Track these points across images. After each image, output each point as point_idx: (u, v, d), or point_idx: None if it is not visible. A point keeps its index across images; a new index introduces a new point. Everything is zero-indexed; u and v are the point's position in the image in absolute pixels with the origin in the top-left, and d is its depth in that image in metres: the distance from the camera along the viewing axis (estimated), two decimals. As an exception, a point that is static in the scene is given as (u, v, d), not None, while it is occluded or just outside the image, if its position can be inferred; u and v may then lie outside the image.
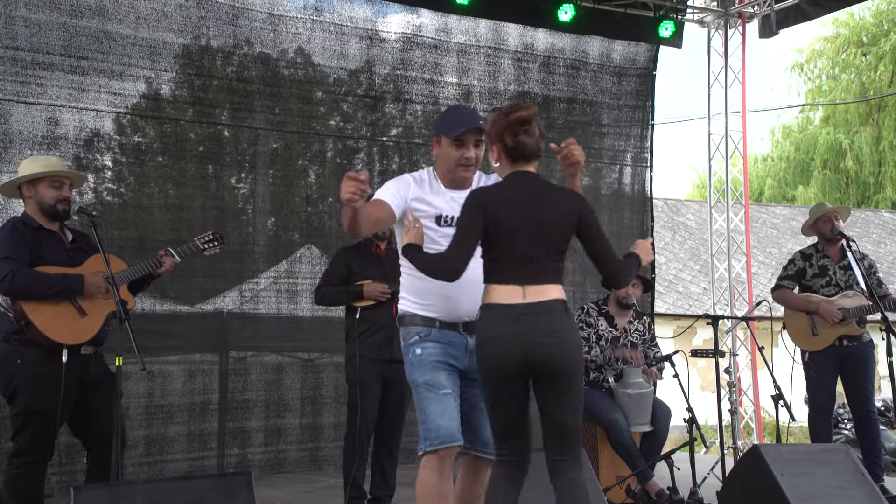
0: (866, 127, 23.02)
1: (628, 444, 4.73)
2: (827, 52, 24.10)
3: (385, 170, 6.82)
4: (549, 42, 7.31)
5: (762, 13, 7.67)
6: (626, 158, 7.66)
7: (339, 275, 4.61)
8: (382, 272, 4.55)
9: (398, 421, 4.65)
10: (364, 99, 6.68)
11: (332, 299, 4.70)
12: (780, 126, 25.53)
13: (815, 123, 24.67)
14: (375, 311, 4.48)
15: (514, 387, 2.78)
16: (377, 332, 4.47)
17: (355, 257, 4.64)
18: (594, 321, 5.08)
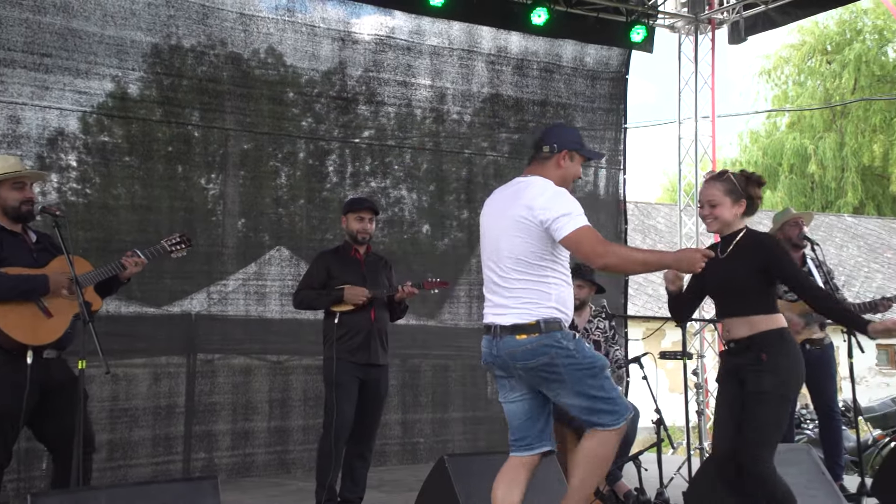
0: (830, 133, 23.45)
1: (598, 447, 4.73)
2: (793, 59, 24.52)
3: (357, 171, 6.79)
4: (523, 45, 7.33)
5: (731, 20, 7.76)
6: (601, 161, 7.71)
7: (319, 279, 4.59)
8: (361, 276, 4.55)
9: (373, 425, 4.63)
10: (336, 100, 6.63)
11: (312, 303, 4.65)
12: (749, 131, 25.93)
13: (782, 129, 25.08)
14: (354, 316, 4.47)
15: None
16: (356, 335, 4.47)
17: (334, 261, 4.62)
18: None
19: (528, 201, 3.13)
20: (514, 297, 3.16)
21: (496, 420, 6.91)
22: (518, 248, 3.14)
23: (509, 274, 3.17)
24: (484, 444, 6.80)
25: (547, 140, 3.28)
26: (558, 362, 3.09)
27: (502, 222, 3.22)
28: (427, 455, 6.48)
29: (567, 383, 3.12)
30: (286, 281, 6.17)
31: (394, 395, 6.45)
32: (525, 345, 3.12)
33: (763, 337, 3.35)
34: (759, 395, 3.31)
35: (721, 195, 3.48)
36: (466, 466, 3.84)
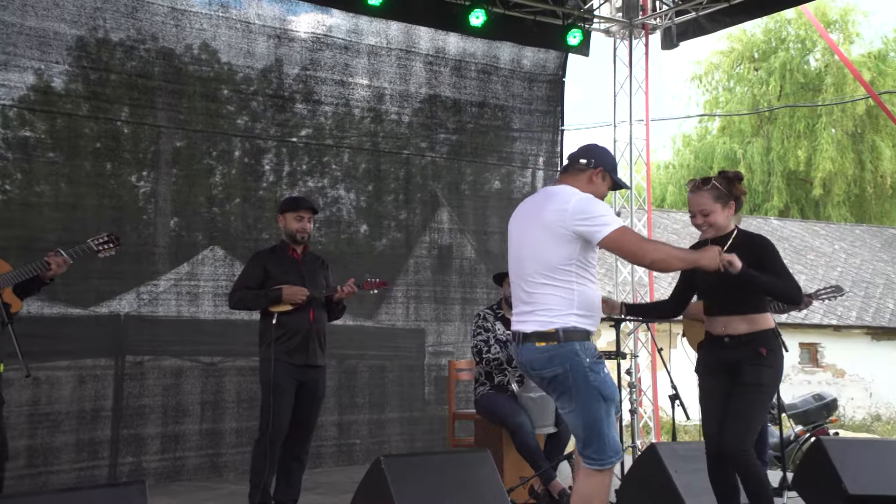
0: (758, 138, 24.22)
1: (533, 446, 4.79)
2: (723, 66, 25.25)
3: (294, 171, 6.70)
4: (461, 46, 7.35)
5: (664, 25, 7.93)
6: (538, 163, 7.78)
7: (256, 279, 4.52)
8: (300, 276, 4.49)
9: (310, 426, 4.59)
10: (273, 98, 6.53)
11: (250, 304, 4.57)
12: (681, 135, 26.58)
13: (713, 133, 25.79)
14: (293, 316, 4.41)
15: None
16: (294, 336, 4.42)
17: (272, 261, 4.55)
18: (491, 326, 5.13)
19: (560, 205, 3.19)
20: (535, 304, 3.20)
21: (434, 420, 6.92)
22: (545, 252, 3.19)
23: (534, 278, 3.21)
24: (421, 444, 6.79)
25: (585, 154, 3.38)
26: (570, 377, 3.12)
27: (530, 228, 3.29)
28: (363, 456, 6.44)
29: (575, 399, 3.15)
30: (220, 281, 6.05)
31: (330, 396, 6.37)
32: (543, 353, 3.15)
33: (762, 334, 3.55)
34: (758, 387, 3.49)
35: (711, 202, 3.60)
36: (403, 467, 3.83)
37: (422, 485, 3.79)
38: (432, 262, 7.18)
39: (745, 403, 3.49)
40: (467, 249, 7.37)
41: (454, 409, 5.66)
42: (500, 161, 7.61)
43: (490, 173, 7.59)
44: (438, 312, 7.13)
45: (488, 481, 3.96)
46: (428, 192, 7.26)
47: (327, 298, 4.59)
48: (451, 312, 7.18)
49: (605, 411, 3.14)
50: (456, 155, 7.37)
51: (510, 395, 4.99)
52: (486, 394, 5.09)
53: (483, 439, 5.17)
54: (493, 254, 7.41)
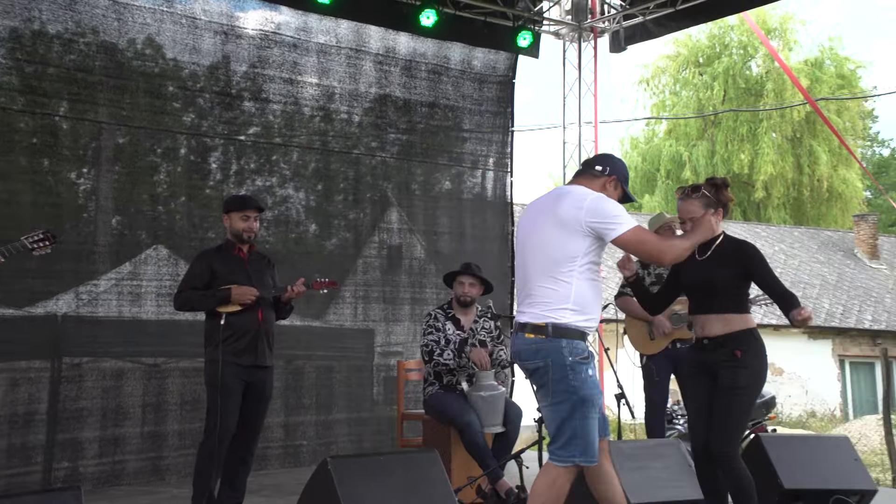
0: (703, 141, 24.77)
1: (481, 446, 4.80)
2: (669, 70, 25.76)
3: (242, 169, 6.60)
4: (411, 46, 7.33)
5: (612, 29, 8.04)
6: (488, 163, 7.81)
7: (202, 279, 4.43)
8: (246, 276, 4.42)
9: (257, 428, 4.53)
10: (220, 96, 6.41)
11: (196, 304, 4.48)
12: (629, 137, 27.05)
13: (660, 136, 26.29)
14: (241, 317, 4.35)
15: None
16: (242, 337, 4.35)
17: (217, 261, 4.47)
18: (441, 325, 5.12)
19: (577, 202, 3.23)
20: (534, 296, 3.24)
21: (382, 421, 6.88)
22: (553, 246, 3.22)
23: (537, 272, 3.25)
24: (369, 445, 6.75)
25: (601, 162, 3.48)
26: (549, 373, 3.16)
27: (541, 223, 3.31)
28: (310, 458, 6.36)
29: (549, 396, 3.19)
30: (164, 281, 5.91)
31: (277, 397, 6.29)
32: (529, 344, 3.21)
33: (738, 335, 3.60)
34: (735, 390, 3.54)
35: (700, 209, 3.68)
36: (350, 468, 3.80)
37: (369, 485, 3.77)
38: (382, 262, 7.14)
39: (724, 408, 3.56)
40: (417, 249, 7.35)
41: (403, 409, 5.64)
42: (450, 161, 7.61)
43: (440, 174, 7.59)
44: (387, 313, 7.10)
45: (436, 481, 3.95)
46: (378, 192, 7.23)
47: (275, 298, 4.53)
48: (401, 313, 7.16)
49: (579, 412, 3.16)
50: (406, 155, 7.35)
51: (459, 395, 5.00)
52: (435, 393, 5.08)
53: (431, 439, 5.16)
54: (442, 254, 7.41)
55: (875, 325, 18.22)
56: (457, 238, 7.51)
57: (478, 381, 4.92)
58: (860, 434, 12.47)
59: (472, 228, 7.60)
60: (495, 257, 7.56)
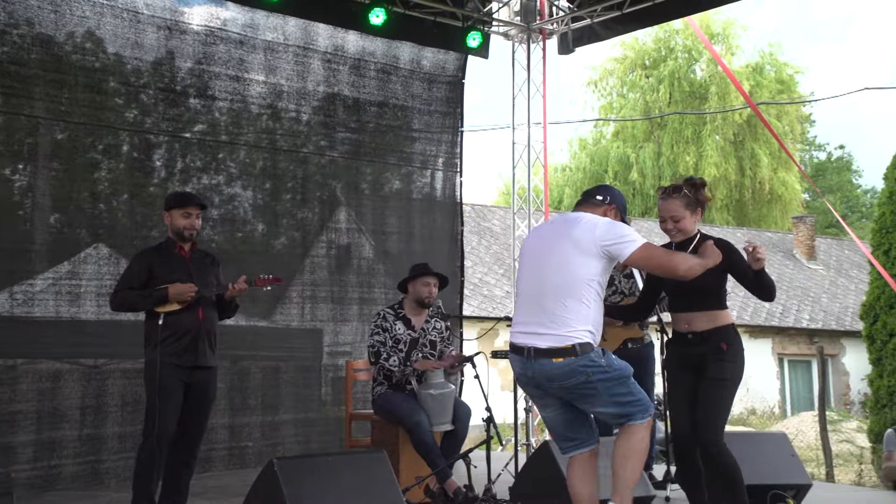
0: (649, 143, 25.21)
1: (430, 445, 4.81)
2: (617, 72, 26.16)
3: (187, 167, 6.48)
4: (360, 45, 7.30)
5: (560, 31, 8.12)
6: (438, 163, 7.81)
7: (140, 278, 4.32)
8: (188, 275, 4.32)
9: (199, 430, 4.44)
10: (164, 92, 6.29)
11: (134, 304, 4.37)
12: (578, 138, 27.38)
13: (608, 138, 26.67)
14: (180, 316, 4.25)
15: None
16: (182, 337, 4.26)
17: (157, 260, 4.36)
18: (391, 326, 5.11)
19: (590, 226, 3.45)
20: (553, 321, 3.40)
21: (330, 421, 6.83)
22: (572, 269, 3.41)
23: (553, 298, 3.41)
24: (317, 446, 6.69)
25: (602, 193, 3.74)
26: (594, 380, 3.38)
27: (557, 246, 3.48)
28: (256, 459, 6.28)
29: (602, 396, 3.42)
30: (104, 280, 5.77)
31: (221, 397, 6.20)
32: (563, 367, 3.38)
33: (722, 329, 3.80)
34: (722, 381, 3.74)
35: (682, 209, 3.85)
36: (296, 469, 3.77)
37: (316, 486, 3.75)
38: (330, 261, 7.09)
39: (712, 398, 3.75)
40: (366, 249, 7.32)
41: (351, 409, 5.61)
42: (399, 161, 7.60)
43: (390, 173, 7.57)
44: (335, 313, 7.05)
45: (384, 481, 3.95)
46: (327, 191, 7.18)
47: (218, 297, 4.44)
48: (349, 313, 7.12)
49: (631, 384, 3.48)
50: (355, 154, 7.32)
51: (408, 394, 4.99)
52: (384, 393, 5.07)
53: (380, 439, 5.15)
54: (391, 254, 7.39)
55: (812, 325, 18.80)
56: (406, 238, 7.51)
57: (427, 379, 4.93)
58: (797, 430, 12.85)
59: (421, 228, 7.60)
60: (445, 257, 7.57)
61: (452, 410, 4.96)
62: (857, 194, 34.35)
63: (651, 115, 24.38)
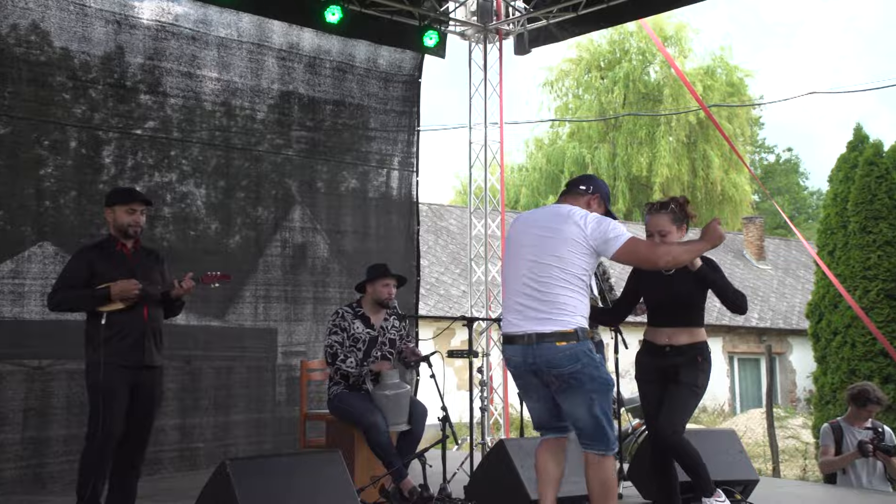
0: (604, 144, 25.50)
1: (386, 445, 4.79)
2: (572, 73, 26.40)
3: (138, 164, 6.36)
4: (316, 43, 7.24)
5: (516, 31, 8.18)
6: (394, 163, 7.79)
7: (80, 277, 4.17)
8: (131, 273, 4.20)
9: (146, 431, 4.32)
10: (114, 88, 6.17)
11: (74, 304, 4.23)
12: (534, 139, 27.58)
13: (563, 138, 26.90)
14: (125, 315, 4.13)
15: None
16: (127, 336, 4.14)
17: (98, 258, 4.22)
18: (349, 324, 5.09)
19: (579, 221, 3.51)
20: (553, 305, 3.46)
21: (284, 422, 6.77)
22: (567, 264, 3.47)
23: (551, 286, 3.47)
24: (271, 446, 6.63)
25: (585, 182, 3.79)
26: (586, 372, 3.44)
27: (550, 241, 3.53)
28: (207, 461, 6.18)
29: (583, 391, 3.46)
30: (49, 279, 5.58)
31: (172, 398, 6.11)
32: (564, 351, 3.43)
33: (699, 345, 4.01)
34: (694, 386, 3.96)
35: (669, 224, 3.98)
36: (249, 470, 3.72)
37: (269, 488, 3.70)
38: (284, 260, 7.02)
39: (679, 398, 3.94)
40: (321, 248, 7.27)
41: (306, 409, 5.57)
42: (355, 160, 7.56)
43: (346, 172, 7.52)
44: (290, 312, 6.98)
45: (338, 482, 3.92)
46: (282, 189, 7.11)
47: (164, 295, 4.33)
48: (303, 312, 7.06)
49: (609, 403, 3.53)
50: (311, 153, 7.26)
51: (364, 394, 4.97)
52: (340, 393, 5.04)
53: (335, 439, 5.12)
54: (347, 253, 7.35)
55: (761, 324, 19.23)
56: (361, 237, 7.47)
57: (383, 379, 4.91)
58: (745, 427, 13.14)
59: (376, 228, 7.58)
60: (401, 256, 7.56)
61: (408, 410, 4.95)
62: (804, 196, 35.25)
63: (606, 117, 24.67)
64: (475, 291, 8.37)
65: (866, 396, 5.47)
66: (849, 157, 11.06)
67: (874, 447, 5.30)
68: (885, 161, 10.67)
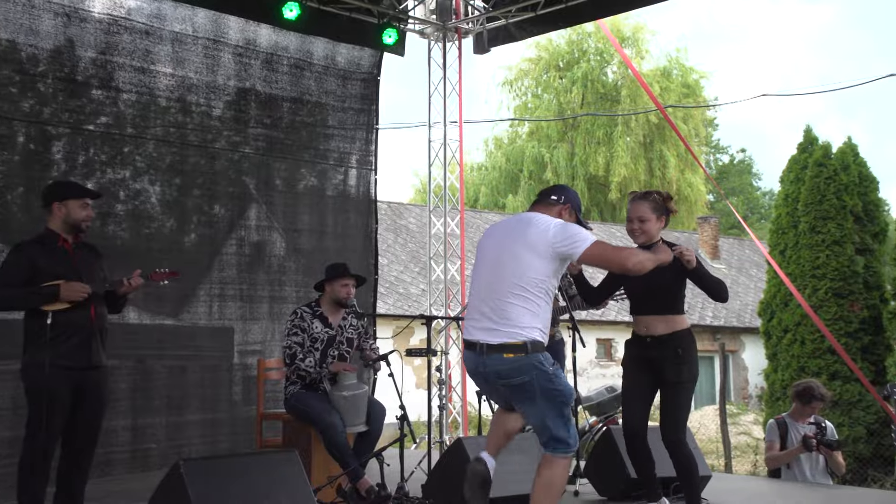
0: (563, 143, 25.71)
1: (343, 446, 4.77)
2: (531, 73, 26.57)
3: (90, 160, 6.23)
4: (273, 39, 7.17)
5: (476, 30, 8.20)
6: (352, 161, 7.74)
7: (21, 275, 4.04)
8: (74, 269, 4.09)
9: (94, 433, 4.23)
10: (64, 82, 6.03)
11: (17, 303, 4.11)
12: (494, 137, 27.69)
13: (523, 137, 27.05)
14: (71, 314, 4.02)
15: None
16: (73, 336, 4.03)
17: (40, 254, 4.08)
18: (308, 325, 5.05)
19: (542, 228, 3.54)
20: (505, 317, 3.50)
21: (238, 422, 6.69)
22: (524, 269, 3.49)
23: (506, 296, 3.50)
24: (226, 446, 6.54)
25: (557, 192, 3.81)
26: (535, 384, 3.46)
27: (510, 247, 3.57)
28: (160, 461, 6.08)
29: (538, 404, 3.50)
30: (-5, 278, 5.46)
31: (123, 398, 6.00)
32: (511, 363, 3.47)
33: (679, 334, 4.04)
34: (679, 384, 4.02)
35: (649, 212, 4.05)
36: (204, 470, 3.68)
37: (224, 488, 3.67)
38: (241, 259, 6.94)
39: (673, 401, 4.04)
40: (278, 247, 7.20)
41: (262, 409, 5.52)
42: (313, 158, 7.50)
43: (303, 170, 7.46)
44: (246, 310, 6.91)
45: (295, 481, 3.90)
46: (239, 187, 7.03)
47: (110, 292, 4.25)
48: (260, 311, 6.98)
49: (566, 410, 3.55)
50: (268, 151, 7.19)
51: (321, 395, 4.95)
52: (297, 393, 5.01)
53: (291, 439, 5.09)
54: (304, 251, 7.29)
55: (715, 322, 19.59)
56: (319, 236, 7.42)
57: (340, 380, 4.89)
58: (699, 424, 13.37)
59: (334, 226, 7.53)
60: (358, 255, 7.53)
61: (366, 411, 4.94)
62: (756, 196, 36.00)
63: (564, 116, 24.88)
64: (434, 290, 8.38)
65: (811, 393, 5.62)
66: (799, 158, 11.33)
67: (817, 442, 5.46)
68: (834, 163, 10.96)
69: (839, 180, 10.81)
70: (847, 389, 10.19)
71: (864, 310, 10.55)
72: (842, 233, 10.67)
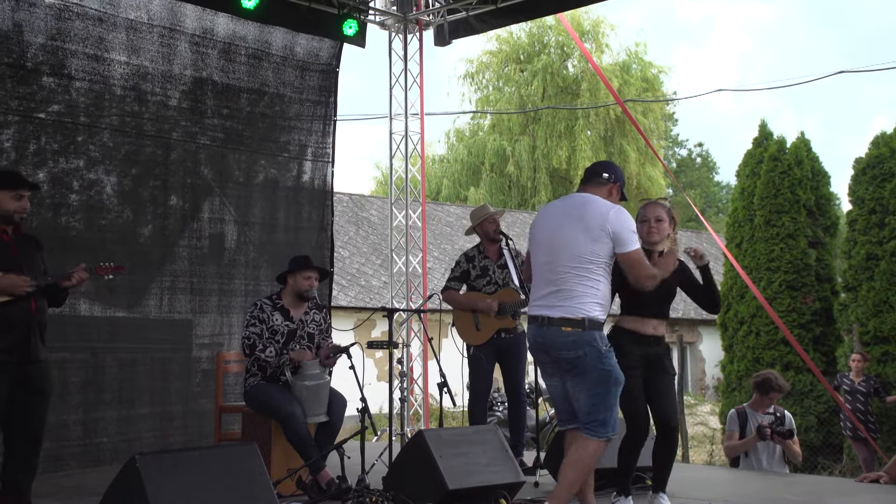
0: (524, 136, 25.79)
1: (304, 437, 4.75)
2: (493, 65, 26.58)
3: (42, 149, 6.08)
4: (231, 29, 7.06)
5: (437, 22, 8.18)
6: (307, 153, 7.66)
7: None
8: (14, 261, 3.99)
9: (39, 428, 4.12)
10: (13, 68, 5.86)
11: None
12: (455, 130, 27.66)
13: (485, 130, 27.08)
14: (10, 307, 3.93)
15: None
16: (11, 330, 3.94)
17: None
18: (268, 317, 5.01)
19: (602, 210, 3.72)
20: (565, 292, 3.69)
21: (190, 415, 6.59)
22: (581, 248, 3.68)
23: (566, 273, 3.69)
24: (179, 440, 6.44)
25: (608, 170, 3.98)
26: (588, 360, 3.64)
27: (565, 225, 3.76)
28: (112, 455, 5.99)
29: (587, 381, 3.66)
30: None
31: (75, 392, 5.89)
32: (568, 336, 3.65)
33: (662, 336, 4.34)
34: (674, 375, 4.40)
35: (665, 214, 4.27)
36: (160, 465, 3.62)
37: (181, 482, 3.61)
38: (196, 251, 6.83)
39: (672, 389, 4.37)
40: (233, 239, 7.09)
41: (221, 402, 5.46)
42: (270, 150, 7.40)
43: (261, 162, 7.36)
44: (201, 303, 6.81)
45: (254, 474, 3.86)
46: (197, 178, 6.92)
47: (51, 285, 4.14)
48: (218, 303, 6.89)
49: (613, 392, 3.71)
50: (225, 142, 7.08)
51: (282, 385, 4.91)
52: (258, 385, 4.96)
53: (251, 432, 5.04)
54: (261, 243, 7.20)
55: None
56: (274, 228, 7.32)
57: (302, 370, 4.86)
58: (659, 412, 13.55)
59: (286, 219, 7.43)
60: (313, 248, 7.45)
61: (328, 402, 4.92)
62: (714, 190, 36.58)
63: (526, 109, 24.97)
64: (396, 282, 8.36)
65: (769, 384, 5.76)
66: (754, 152, 11.52)
67: (772, 431, 5.59)
68: (788, 157, 11.18)
69: (793, 175, 11.01)
70: (799, 379, 10.42)
71: (816, 301, 10.78)
72: (795, 226, 10.88)
